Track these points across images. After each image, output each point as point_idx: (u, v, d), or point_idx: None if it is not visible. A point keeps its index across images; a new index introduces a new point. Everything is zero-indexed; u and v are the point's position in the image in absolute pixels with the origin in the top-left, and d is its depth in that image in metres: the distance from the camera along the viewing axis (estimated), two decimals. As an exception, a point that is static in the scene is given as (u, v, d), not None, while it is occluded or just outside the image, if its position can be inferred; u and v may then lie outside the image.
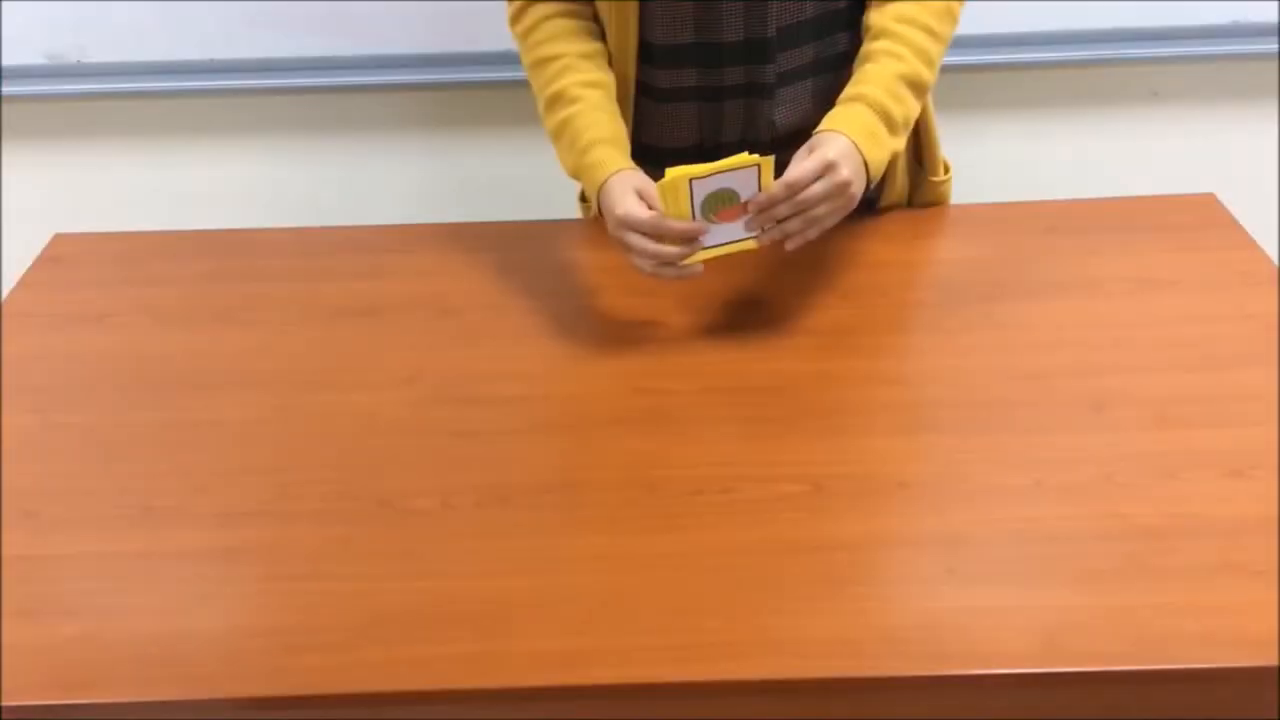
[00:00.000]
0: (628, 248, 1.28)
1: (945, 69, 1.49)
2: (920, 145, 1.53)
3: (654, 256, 1.27)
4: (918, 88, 1.34)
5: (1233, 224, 1.49)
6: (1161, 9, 1.96)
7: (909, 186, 1.55)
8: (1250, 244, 1.45)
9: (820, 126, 1.29)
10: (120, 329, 1.40)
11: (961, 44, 1.99)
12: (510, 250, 1.52)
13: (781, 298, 1.39)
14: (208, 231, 1.60)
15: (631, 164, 1.33)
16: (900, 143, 1.34)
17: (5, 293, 1.50)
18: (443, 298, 1.43)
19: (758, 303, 1.38)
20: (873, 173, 1.28)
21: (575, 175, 1.38)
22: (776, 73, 1.40)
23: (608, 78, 1.40)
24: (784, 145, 1.31)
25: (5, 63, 2.00)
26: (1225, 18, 1.97)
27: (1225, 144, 2.08)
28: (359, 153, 2.13)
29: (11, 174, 2.13)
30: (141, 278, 1.50)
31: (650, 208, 1.27)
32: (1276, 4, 1.95)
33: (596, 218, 1.35)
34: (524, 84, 2.13)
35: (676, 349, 1.31)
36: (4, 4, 1.95)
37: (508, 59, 2.00)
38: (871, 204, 1.55)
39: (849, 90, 1.33)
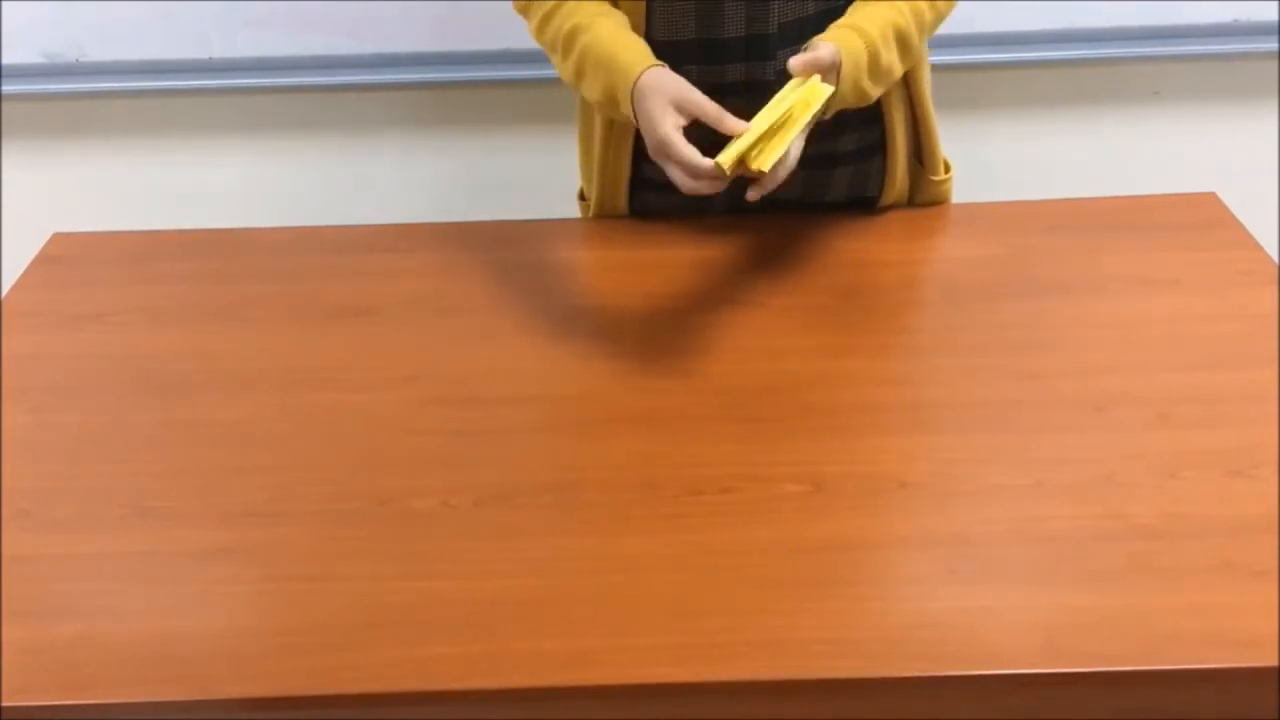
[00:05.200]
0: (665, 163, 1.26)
1: (945, 68, 1.49)
2: (921, 144, 1.52)
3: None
4: (905, 47, 1.35)
5: (1234, 223, 1.49)
6: (1162, 8, 1.96)
7: (910, 186, 1.55)
8: (1251, 243, 1.45)
9: (834, 42, 1.28)
10: (119, 328, 1.40)
11: (962, 43, 1.99)
12: (510, 250, 1.51)
13: (781, 297, 1.39)
14: (207, 231, 1.60)
15: (660, 63, 1.31)
16: (872, 95, 1.34)
17: (3, 292, 1.49)
18: (443, 298, 1.42)
19: (758, 302, 1.38)
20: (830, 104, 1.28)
21: (608, 94, 1.33)
22: (777, 70, 1.40)
23: (622, 16, 1.38)
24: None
25: (4, 61, 2.00)
26: (1226, 16, 1.97)
27: (1226, 143, 2.08)
28: (358, 152, 2.13)
29: (10, 173, 2.13)
30: (140, 277, 1.50)
31: (690, 119, 1.25)
32: (1277, 3, 1.95)
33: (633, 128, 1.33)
34: (525, 83, 2.13)
35: (676, 349, 1.31)
36: (2, 3, 1.95)
37: (508, 58, 2.01)
38: (872, 203, 1.55)
39: (858, 19, 1.32)
